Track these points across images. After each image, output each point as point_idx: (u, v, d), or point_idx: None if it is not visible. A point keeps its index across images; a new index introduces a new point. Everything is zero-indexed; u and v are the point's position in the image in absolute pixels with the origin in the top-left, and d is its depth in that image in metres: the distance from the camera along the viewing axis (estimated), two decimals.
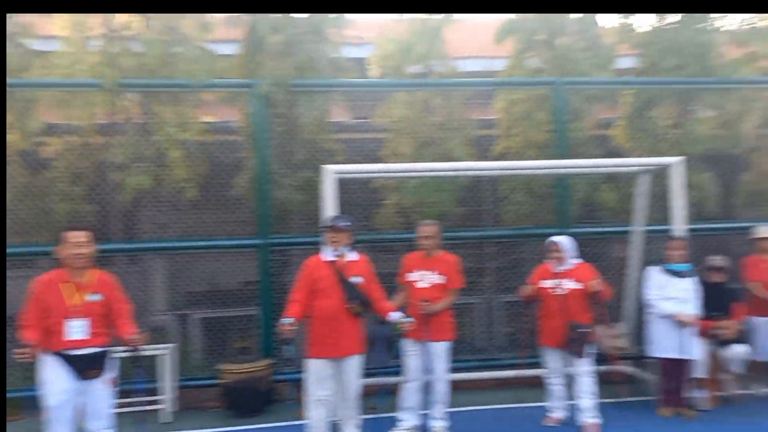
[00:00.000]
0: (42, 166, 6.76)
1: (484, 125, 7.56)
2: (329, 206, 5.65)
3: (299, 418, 5.98)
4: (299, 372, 6.84)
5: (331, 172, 5.72)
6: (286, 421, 5.98)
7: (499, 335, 7.91)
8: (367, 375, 5.12)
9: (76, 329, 4.06)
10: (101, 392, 4.12)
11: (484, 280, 8.03)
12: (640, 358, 6.35)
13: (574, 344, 5.36)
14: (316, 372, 4.57)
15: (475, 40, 8.48)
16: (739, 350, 5.95)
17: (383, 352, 5.34)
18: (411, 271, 5.39)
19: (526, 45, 7.42)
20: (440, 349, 5.28)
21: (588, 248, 7.54)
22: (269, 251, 6.75)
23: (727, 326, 5.90)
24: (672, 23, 7.54)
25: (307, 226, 7.09)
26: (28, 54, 6.65)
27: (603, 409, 5.52)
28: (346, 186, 6.30)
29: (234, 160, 7.20)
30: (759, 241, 6.36)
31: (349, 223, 4.77)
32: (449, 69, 7.33)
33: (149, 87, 6.73)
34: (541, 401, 5.74)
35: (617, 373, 6.65)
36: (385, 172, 6.43)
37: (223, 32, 7.19)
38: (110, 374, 4.21)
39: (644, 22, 7.75)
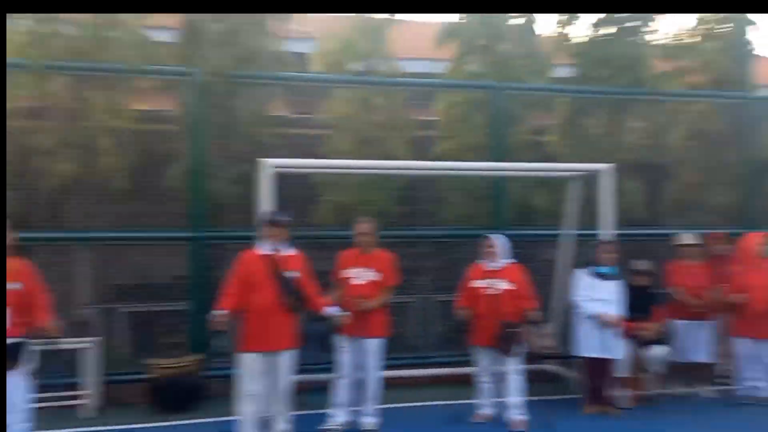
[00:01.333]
0: None
1: (425, 126, 7.63)
2: (265, 200, 5.56)
3: (229, 414, 5.92)
4: (229, 368, 6.74)
5: (269, 166, 5.64)
6: (215, 416, 5.86)
7: (433, 333, 7.98)
8: (300, 372, 5.07)
9: None
10: (18, 385, 3.92)
11: (419, 279, 8.09)
12: (566, 358, 6.53)
13: (503, 343, 5.47)
14: (249, 366, 4.49)
15: (419, 41, 8.54)
16: (659, 351, 6.20)
17: (316, 348, 5.30)
18: (346, 268, 5.38)
19: (466, 49, 7.54)
20: (374, 346, 5.28)
21: (521, 250, 7.71)
22: (201, 245, 6.60)
23: (649, 328, 6.14)
24: (606, 35, 7.81)
25: (242, 220, 6.97)
26: None
27: (530, 406, 5.64)
28: (284, 181, 6.22)
29: (167, 150, 7.01)
30: (681, 247, 6.65)
31: (288, 219, 4.72)
32: (391, 68, 7.36)
33: (79, 70, 6.46)
34: (472, 398, 5.82)
35: (545, 372, 6.81)
36: (323, 168, 6.39)
37: (161, 18, 6.99)
38: (28, 366, 4.01)
39: (580, 32, 7.99)
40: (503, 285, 5.53)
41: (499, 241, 5.68)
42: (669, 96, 7.97)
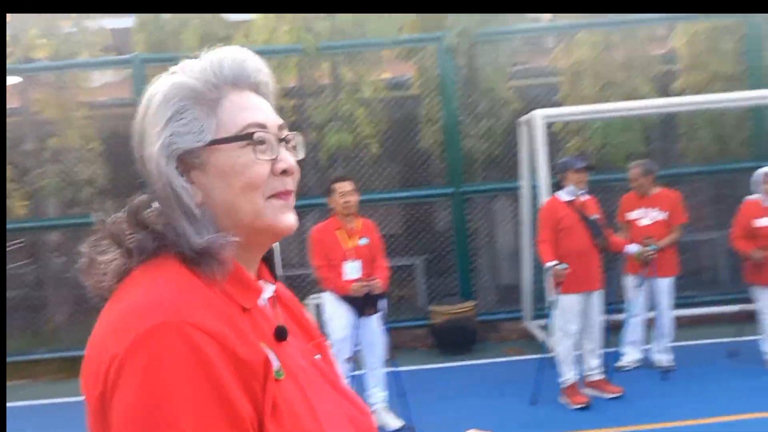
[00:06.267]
0: None
1: (666, 61, 7.40)
2: (540, 151, 5.75)
3: (507, 354, 6.33)
4: (497, 314, 7.16)
5: (539, 117, 5.82)
6: (491, 358, 6.31)
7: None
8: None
9: (352, 270, 4.42)
10: (377, 328, 4.47)
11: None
12: None
13: None
14: (568, 307, 4.75)
15: None
16: None
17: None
18: (630, 211, 5.47)
19: None
20: (665, 285, 5.36)
21: None
22: (462, 199, 6.99)
23: None
24: None
25: (490, 175, 7.30)
26: (228, 25, 7.07)
27: None
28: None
29: (411, 115, 7.44)
30: None
31: (589, 164, 4.88)
32: None
33: (348, 48, 7.00)
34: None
35: None
36: (593, 114, 6.37)
37: None
38: (381, 311, 4.53)
39: None
40: None
41: None
42: None
